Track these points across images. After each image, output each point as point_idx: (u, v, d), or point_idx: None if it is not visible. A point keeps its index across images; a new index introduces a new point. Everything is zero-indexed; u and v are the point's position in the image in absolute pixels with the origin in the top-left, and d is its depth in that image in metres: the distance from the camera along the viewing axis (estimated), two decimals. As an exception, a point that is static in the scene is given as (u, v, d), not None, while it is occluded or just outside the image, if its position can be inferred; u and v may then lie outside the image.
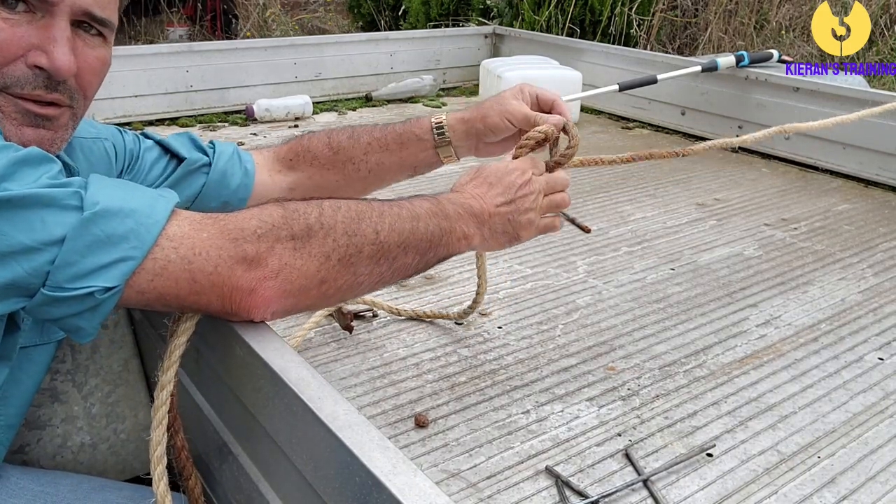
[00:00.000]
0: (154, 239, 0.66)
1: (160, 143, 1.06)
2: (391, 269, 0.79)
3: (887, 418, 1.08)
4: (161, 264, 0.67)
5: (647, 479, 0.93)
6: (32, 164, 0.65)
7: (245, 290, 0.70)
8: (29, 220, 0.62)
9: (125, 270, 0.65)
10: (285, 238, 0.71)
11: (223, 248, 0.69)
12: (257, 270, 0.70)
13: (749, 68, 2.43)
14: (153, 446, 0.74)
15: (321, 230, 0.73)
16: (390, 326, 1.29)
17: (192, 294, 0.69)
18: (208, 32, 6.37)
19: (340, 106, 2.91)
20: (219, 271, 0.69)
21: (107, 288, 0.65)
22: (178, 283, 0.68)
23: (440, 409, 1.07)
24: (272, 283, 0.70)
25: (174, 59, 2.64)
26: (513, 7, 4.46)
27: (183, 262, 0.68)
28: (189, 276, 0.68)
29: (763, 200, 1.99)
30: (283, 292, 0.71)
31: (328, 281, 0.73)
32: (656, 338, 1.28)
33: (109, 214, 0.65)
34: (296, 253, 0.71)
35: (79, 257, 0.63)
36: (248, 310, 0.71)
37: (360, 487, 0.59)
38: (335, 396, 0.66)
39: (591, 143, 2.52)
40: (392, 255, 0.78)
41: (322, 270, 0.72)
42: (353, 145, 1.08)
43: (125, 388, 1.21)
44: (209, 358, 0.87)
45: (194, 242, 0.69)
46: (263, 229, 0.70)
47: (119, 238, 0.65)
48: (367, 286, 0.78)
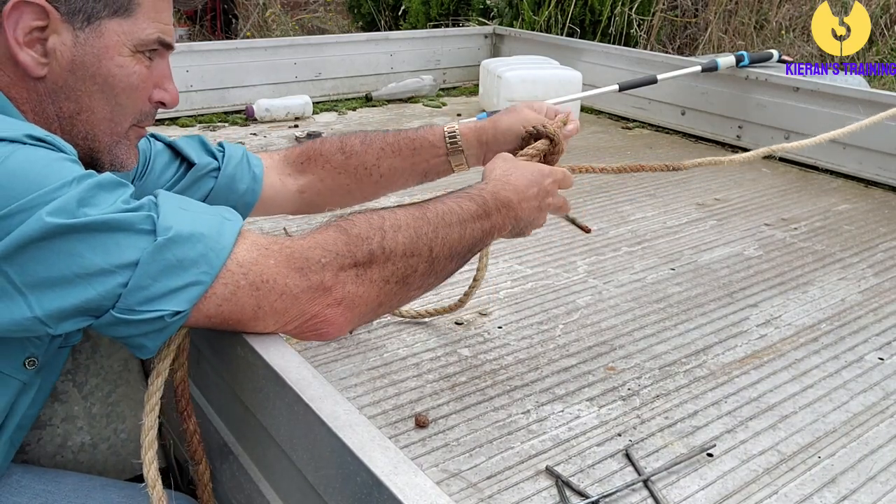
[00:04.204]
0: (223, 263, 0.69)
1: (170, 145, 1.06)
2: (438, 278, 0.82)
3: (888, 418, 1.08)
4: (231, 290, 0.70)
5: (648, 479, 0.93)
6: (109, 189, 0.68)
7: (308, 317, 0.73)
8: (105, 244, 0.65)
9: (194, 295, 0.68)
10: (348, 266, 0.74)
11: (290, 278, 0.72)
12: (322, 299, 0.72)
13: (749, 68, 2.43)
14: (144, 432, 0.75)
15: (382, 255, 0.75)
16: (390, 326, 1.29)
17: (256, 319, 0.72)
18: (208, 32, 6.37)
19: (340, 106, 2.91)
20: (284, 300, 0.71)
21: (176, 312, 0.67)
22: (244, 309, 0.71)
23: (440, 409, 1.07)
24: (335, 311, 0.73)
25: (174, 58, 2.59)
26: (513, 7, 4.45)
27: (251, 289, 0.70)
28: (255, 302, 0.71)
29: (763, 200, 1.99)
30: (345, 320, 0.74)
31: (385, 304, 0.77)
32: (656, 338, 1.28)
33: (181, 240, 0.68)
34: (358, 280, 0.74)
35: (151, 281, 0.66)
36: (307, 335, 0.74)
37: (361, 487, 0.59)
38: (336, 396, 0.67)
39: (591, 143, 2.52)
40: (441, 267, 0.81)
41: (381, 295, 0.76)
42: (366, 150, 1.09)
43: (125, 387, 1.21)
44: (210, 358, 0.87)
45: (262, 269, 0.71)
46: (327, 258, 0.73)
47: (190, 263, 0.68)
48: (414, 298, 0.82)
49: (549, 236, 1.70)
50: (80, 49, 0.77)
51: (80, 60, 0.77)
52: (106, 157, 0.84)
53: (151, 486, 0.74)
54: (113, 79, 0.79)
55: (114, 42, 0.78)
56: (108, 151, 0.83)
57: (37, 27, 0.74)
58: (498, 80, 2.64)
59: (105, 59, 0.78)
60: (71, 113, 0.79)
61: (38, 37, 0.75)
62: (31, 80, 0.76)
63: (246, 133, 2.52)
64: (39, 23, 0.74)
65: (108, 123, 0.82)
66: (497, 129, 1.08)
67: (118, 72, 0.80)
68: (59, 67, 0.77)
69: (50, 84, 0.77)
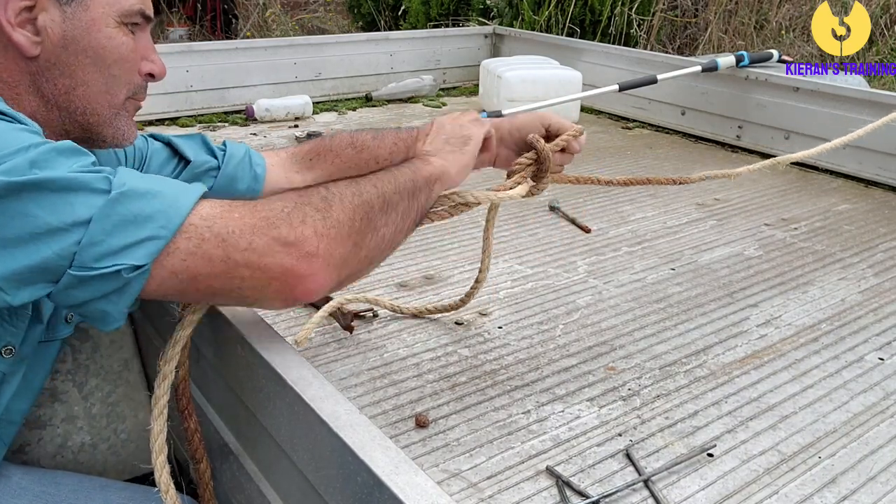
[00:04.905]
0: (182, 219, 0.67)
1: (169, 143, 1.06)
2: (399, 215, 0.82)
3: (888, 418, 1.08)
4: (195, 243, 0.67)
5: (648, 479, 0.93)
6: (66, 154, 0.67)
7: (283, 268, 0.69)
8: (57, 203, 0.63)
9: (152, 250, 0.65)
10: (311, 211, 0.72)
11: (257, 227, 0.69)
12: (293, 249, 0.70)
13: (749, 68, 2.43)
14: (154, 436, 0.75)
15: (334, 198, 0.75)
16: (390, 326, 1.29)
17: (227, 273, 0.68)
18: (208, 32, 6.37)
19: (340, 106, 2.91)
20: (254, 248, 0.68)
21: (134, 266, 0.65)
22: (213, 262, 0.68)
23: (440, 409, 1.07)
24: (314, 265, 0.70)
25: (174, 59, 2.64)
26: (513, 7, 4.45)
27: (217, 241, 0.68)
28: (223, 253, 0.68)
29: (763, 200, 1.99)
30: (326, 267, 0.71)
31: (359, 244, 0.75)
32: (657, 338, 1.28)
33: (136, 195, 0.66)
34: (325, 222, 0.72)
35: (105, 236, 0.64)
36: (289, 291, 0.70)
37: (362, 487, 0.59)
38: (336, 396, 0.67)
39: (592, 143, 2.52)
40: (394, 203, 0.81)
41: (352, 234, 0.74)
42: (378, 145, 1.07)
43: (125, 388, 1.21)
44: (210, 357, 0.87)
45: (227, 222, 0.69)
46: (289, 207, 0.72)
47: (146, 218, 0.65)
48: (388, 239, 0.81)
49: (549, 236, 1.70)
50: (69, 24, 0.79)
51: (71, 35, 0.79)
52: (108, 131, 0.85)
53: (164, 491, 0.74)
54: (104, 50, 0.81)
55: (99, 14, 0.80)
56: (110, 124, 0.85)
57: (25, 7, 0.76)
58: (498, 80, 2.64)
59: (94, 32, 0.80)
60: (67, 89, 0.81)
61: (28, 17, 0.77)
62: (24, 61, 0.78)
63: (246, 133, 2.52)
64: (27, 2, 0.76)
65: (104, 96, 0.84)
66: (513, 124, 1.07)
67: (108, 43, 0.82)
68: (52, 44, 0.78)
69: (43, 62, 0.79)
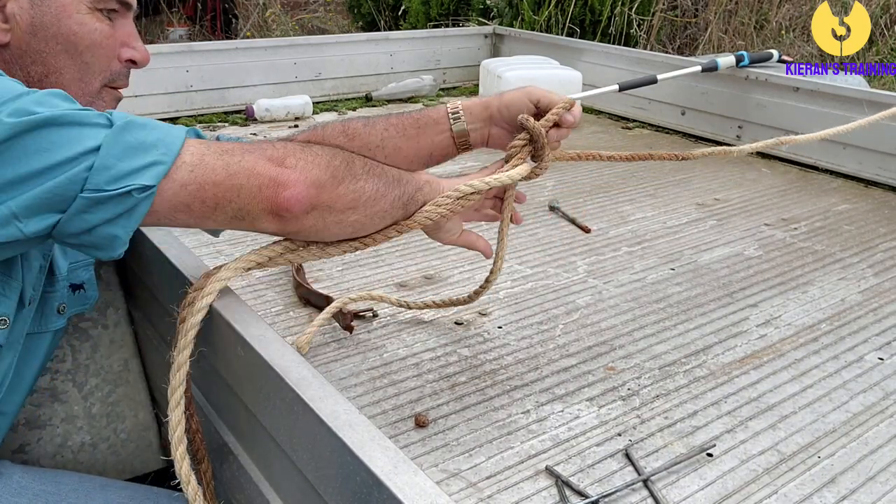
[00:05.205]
0: (180, 146, 0.73)
1: None
2: (383, 183, 0.84)
3: (887, 418, 1.08)
4: (198, 158, 0.73)
5: (648, 479, 0.93)
6: (61, 98, 0.71)
7: (274, 180, 0.75)
8: (67, 136, 0.68)
9: (159, 172, 0.70)
10: (292, 146, 0.79)
11: (246, 150, 0.77)
12: (281, 166, 0.76)
13: (749, 68, 2.43)
14: (172, 426, 0.74)
15: (315, 146, 0.81)
16: (390, 326, 1.29)
17: (227, 181, 0.74)
18: (208, 32, 6.37)
19: (340, 106, 2.91)
20: (247, 159, 0.75)
21: (144, 186, 0.70)
22: (215, 171, 0.73)
23: (440, 408, 1.07)
24: (294, 174, 0.76)
25: (174, 59, 2.64)
26: (513, 7, 4.45)
27: (218, 154, 0.74)
28: (223, 162, 0.74)
29: (763, 200, 1.99)
30: (305, 180, 0.76)
31: (338, 178, 0.78)
32: (656, 338, 1.28)
33: (138, 126, 0.72)
34: (304, 151, 0.78)
35: (116, 161, 0.69)
36: (279, 198, 0.75)
37: (361, 487, 0.59)
38: (336, 396, 0.67)
39: (591, 143, 2.52)
40: (378, 173, 0.84)
41: (330, 167, 0.78)
42: (370, 131, 1.08)
43: (125, 387, 1.21)
44: (210, 357, 0.87)
45: (220, 146, 0.76)
46: (275, 145, 0.79)
47: (150, 145, 0.71)
48: (370, 195, 0.82)
49: (549, 236, 1.70)
50: (38, 10, 0.80)
51: (40, 21, 0.80)
52: None
53: (185, 482, 0.74)
54: (75, 37, 0.82)
55: (70, 0, 0.81)
56: None
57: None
58: (498, 80, 2.64)
59: (64, 18, 0.81)
60: (39, 76, 0.82)
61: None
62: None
63: (246, 133, 2.52)
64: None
65: (77, 84, 0.84)
66: (501, 101, 1.06)
67: (79, 29, 0.82)
68: (21, 31, 0.79)
69: (14, 50, 0.80)
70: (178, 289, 0.84)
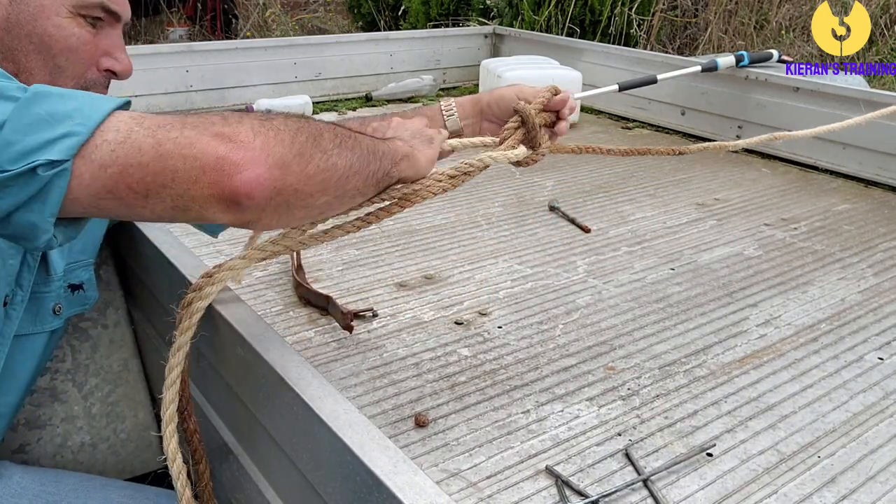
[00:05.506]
0: (103, 115, 0.62)
1: None
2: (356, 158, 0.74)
3: (887, 418, 1.08)
4: (124, 133, 0.62)
5: (648, 479, 0.93)
6: None
7: (223, 160, 0.62)
8: None
9: (72, 144, 0.61)
10: (249, 118, 0.67)
11: (188, 124, 0.64)
12: (232, 143, 0.63)
13: (749, 68, 2.43)
14: (165, 405, 0.74)
15: (276, 117, 0.69)
16: (390, 326, 1.29)
17: (159, 164, 0.62)
18: (208, 32, 6.37)
19: (340, 106, 2.91)
20: (186, 136, 0.63)
21: (51, 161, 0.60)
22: (143, 151, 0.62)
23: (440, 408, 1.07)
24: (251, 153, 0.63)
25: (174, 59, 2.64)
26: (513, 7, 4.45)
27: (148, 131, 0.63)
28: (154, 141, 0.62)
29: (763, 200, 1.99)
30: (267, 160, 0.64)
31: (305, 155, 0.68)
32: (656, 337, 1.28)
33: (52, 95, 0.63)
34: (264, 125, 0.66)
35: (20, 136, 0.60)
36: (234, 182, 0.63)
37: (361, 486, 0.59)
38: (336, 396, 0.67)
39: (592, 142, 2.51)
40: (350, 145, 0.74)
41: (296, 143, 0.67)
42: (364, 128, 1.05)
43: (125, 387, 1.21)
44: (210, 357, 0.87)
45: (159, 119, 0.64)
46: (227, 113, 0.67)
47: (63, 116, 0.62)
48: (342, 172, 0.72)
49: (549, 236, 1.70)
50: (16, 7, 0.78)
51: (16, 19, 0.78)
52: None
53: (172, 460, 0.74)
54: (49, 38, 0.79)
55: (50, 2, 0.79)
56: None
57: None
58: (498, 80, 2.64)
59: (41, 19, 0.78)
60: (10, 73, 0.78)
61: None
62: None
63: (246, 133, 2.52)
64: None
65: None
66: (492, 96, 1.08)
67: (54, 32, 0.79)
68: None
69: None
70: (177, 289, 0.84)
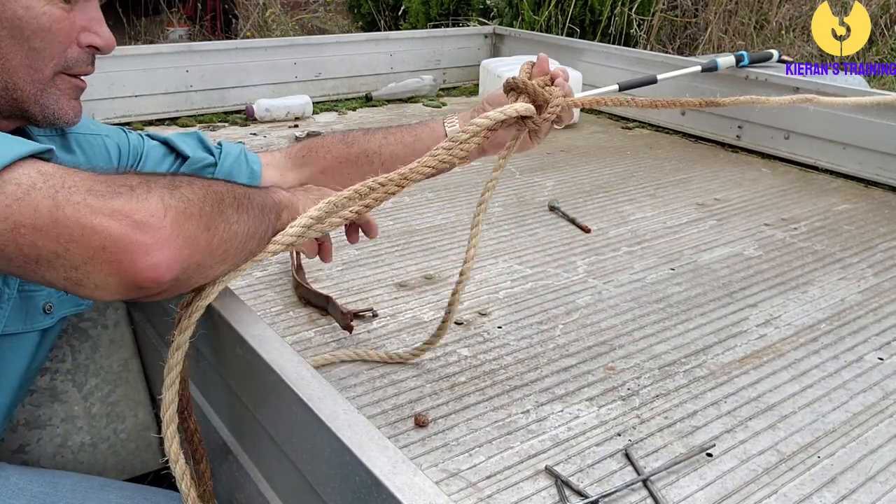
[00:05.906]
0: (4, 164, 0.59)
1: (165, 141, 1.07)
2: (252, 219, 0.74)
3: (887, 418, 1.08)
4: (24, 189, 0.59)
5: (647, 479, 0.93)
6: None
7: (125, 240, 0.60)
8: None
9: None
10: (158, 187, 0.64)
11: (95, 186, 0.61)
12: (138, 216, 0.60)
13: (749, 68, 2.43)
14: (165, 405, 0.74)
15: (182, 181, 0.67)
16: (390, 326, 1.29)
17: (53, 229, 0.59)
18: (208, 32, 6.37)
19: (340, 106, 2.91)
20: (88, 204, 0.60)
21: None
22: (38, 213, 0.59)
23: (440, 408, 1.07)
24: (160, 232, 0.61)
25: (174, 59, 2.64)
26: (513, 7, 4.45)
27: (49, 191, 0.59)
28: (52, 203, 0.59)
29: (763, 200, 1.99)
30: (176, 240, 0.62)
31: (210, 227, 0.66)
32: (656, 338, 1.28)
33: None
34: (173, 194, 0.64)
35: None
36: (138, 266, 0.60)
37: (360, 487, 0.59)
38: (335, 396, 0.66)
39: (592, 142, 2.52)
40: (245, 206, 0.73)
41: (203, 216, 0.65)
42: (369, 139, 1.13)
43: (125, 387, 1.21)
44: (210, 357, 0.87)
45: (66, 178, 0.61)
46: (135, 181, 0.64)
47: None
48: (241, 238, 0.72)
49: (549, 236, 1.70)
50: None
51: None
52: (35, 108, 0.81)
53: (174, 461, 0.73)
54: (20, 21, 0.78)
55: None
56: (35, 101, 0.81)
57: None
58: (498, 80, 2.64)
59: (9, 3, 0.77)
60: None
61: None
62: None
63: (246, 133, 2.52)
64: None
65: (26, 70, 0.79)
66: (487, 98, 1.11)
67: (24, 13, 0.78)
68: None
69: None
70: (177, 289, 0.84)
